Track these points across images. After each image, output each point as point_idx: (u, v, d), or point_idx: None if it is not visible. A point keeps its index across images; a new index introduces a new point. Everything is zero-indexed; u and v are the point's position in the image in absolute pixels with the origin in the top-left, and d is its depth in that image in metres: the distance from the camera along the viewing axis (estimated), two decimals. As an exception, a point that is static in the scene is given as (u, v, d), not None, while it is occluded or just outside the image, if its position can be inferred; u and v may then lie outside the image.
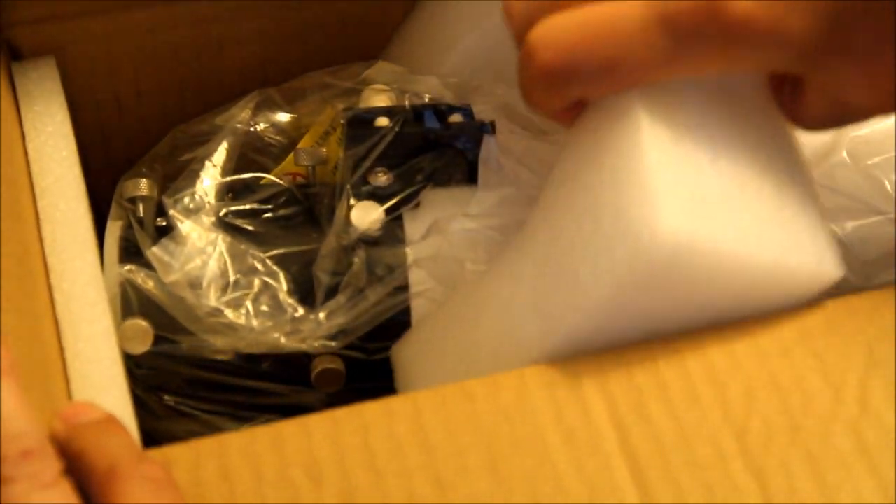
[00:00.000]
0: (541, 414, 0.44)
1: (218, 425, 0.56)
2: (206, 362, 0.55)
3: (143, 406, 0.55)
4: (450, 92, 0.60)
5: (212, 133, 0.60)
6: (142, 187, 0.58)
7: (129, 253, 0.56)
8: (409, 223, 0.55)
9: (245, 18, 0.63)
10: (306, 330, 0.54)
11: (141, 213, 0.57)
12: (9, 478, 0.38)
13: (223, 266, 0.54)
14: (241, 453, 0.43)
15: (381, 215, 0.55)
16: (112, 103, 0.64)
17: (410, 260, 0.55)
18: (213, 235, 0.55)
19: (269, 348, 0.54)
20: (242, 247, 0.55)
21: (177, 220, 0.56)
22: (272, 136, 0.62)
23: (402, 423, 0.44)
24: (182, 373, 0.56)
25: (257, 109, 0.61)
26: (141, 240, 0.55)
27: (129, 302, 0.55)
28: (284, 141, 0.62)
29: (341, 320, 0.54)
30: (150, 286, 0.54)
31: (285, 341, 0.54)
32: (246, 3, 0.62)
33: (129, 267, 0.55)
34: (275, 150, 0.62)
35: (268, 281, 0.54)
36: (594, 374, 0.45)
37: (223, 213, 0.57)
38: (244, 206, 0.57)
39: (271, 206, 0.58)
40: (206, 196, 0.57)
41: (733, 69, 0.45)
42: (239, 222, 0.56)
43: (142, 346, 0.54)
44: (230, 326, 0.54)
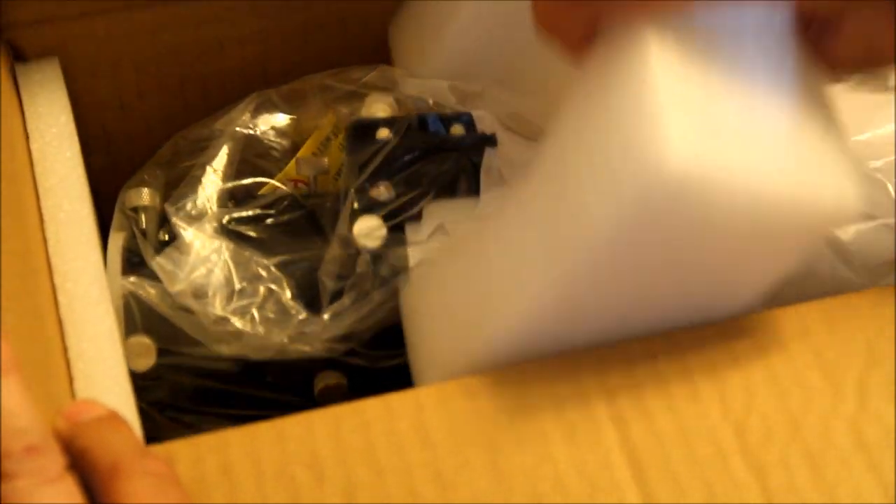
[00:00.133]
0: (541, 410, 0.44)
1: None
2: (210, 373, 0.55)
3: (147, 418, 0.55)
4: (452, 96, 0.60)
5: (212, 138, 0.60)
6: (144, 196, 0.58)
7: (132, 264, 0.55)
8: (411, 235, 0.55)
9: (246, 19, 0.63)
10: (311, 333, 0.54)
11: (143, 224, 0.57)
12: (13, 473, 0.38)
13: (228, 274, 0.54)
14: (243, 449, 0.43)
15: (383, 231, 0.55)
16: (115, 104, 0.64)
17: (413, 262, 0.55)
18: (217, 243, 0.55)
19: (274, 353, 0.54)
20: (246, 254, 0.55)
21: (180, 228, 0.55)
22: (273, 139, 0.61)
23: (404, 419, 0.44)
24: (186, 384, 0.55)
25: (257, 112, 0.61)
26: (144, 250, 0.55)
27: (133, 316, 0.54)
28: (285, 144, 0.62)
29: (346, 322, 0.54)
30: (153, 297, 0.54)
31: (290, 345, 0.54)
32: (247, 3, 0.62)
33: (132, 279, 0.55)
34: (276, 153, 0.61)
35: (272, 287, 0.54)
36: (595, 369, 0.45)
37: (226, 220, 0.56)
38: (247, 213, 0.57)
39: (274, 211, 0.57)
40: (209, 203, 0.57)
41: None
42: (242, 229, 0.56)
43: (146, 363, 0.54)
44: (236, 335, 0.54)
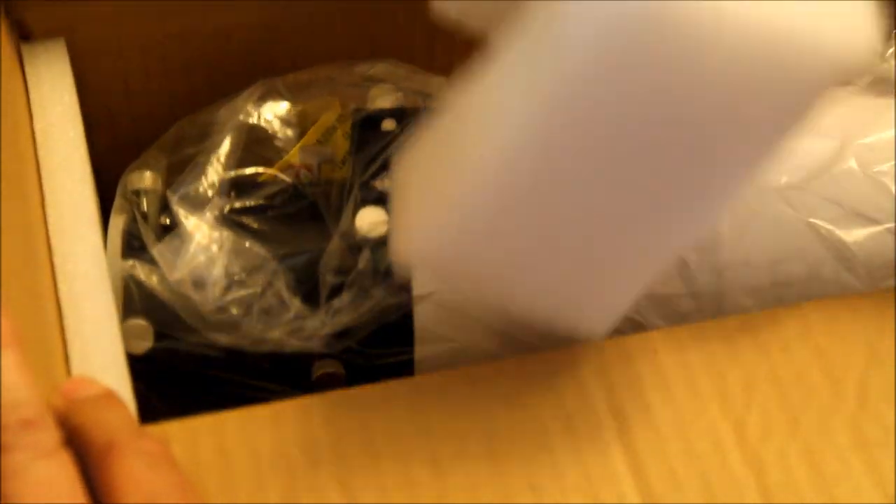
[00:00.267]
0: (540, 400, 0.44)
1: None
2: (208, 359, 0.55)
3: (143, 401, 0.55)
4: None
5: (216, 125, 0.60)
6: (146, 180, 0.58)
7: (133, 248, 0.55)
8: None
9: (255, 6, 0.63)
10: (309, 328, 0.53)
11: (145, 207, 0.57)
12: (8, 446, 0.37)
13: (228, 264, 0.54)
14: (239, 432, 0.43)
15: (386, 221, 0.54)
16: (120, 86, 0.64)
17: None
18: (218, 233, 0.55)
19: (272, 347, 0.54)
20: (247, 244, 0.55)
21: (181, 216, 0.55)
22: (277, 128, 0.61)
23: (401, 405, 0.44)
24: (183, 369, 0.55)
25: (262, 100, 0.61)
26: (145, 235, 0.55)
27: (132, 299, 0.54)
28: (290, 133, 0.61)
29: (345, 318, 0.54)
30: (153, 282, 0.54)
31: (288, 340, 0.54)
32: (255, -11, 0.63)
33: (131, 262, 0.54)
34: (279, 142, 0.61)
35: (272, 280, 0.54)
36: (594, 361, 0.45)
37: (227, 209, 0.56)
38: (249, 203, 0.57)
39: (276, 202, 0.57)
40: (211, 191, 0.57)
41: None
42: (243, 219, 0.56)
43: (143, 345, 0.54)
44: (234, 325, 0.53)
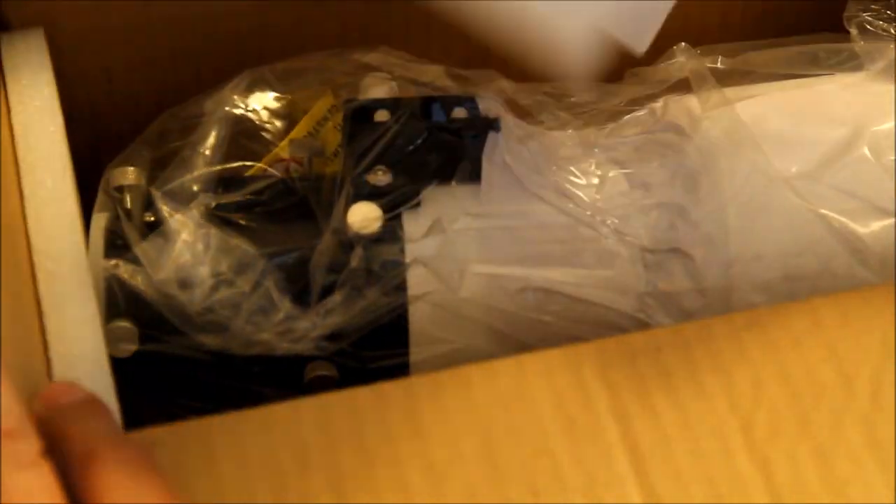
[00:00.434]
0: (539, 401, 0.44)
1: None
2: (195, 363, 0.54)
3: (129, 409, 0.54)
4: (453, 82, 0.59)
5: (202, 117, 0.59)
6: (129, 176, 0.56)
7: (116, 247, 0.54)
8: (409, 223, 0.54)
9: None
10: (300, 330, 0.53)
11: (128, 204, 0.56)
12: (-13, 456, 0.37)
13: (215, 263, 0.53)
14: (228, 436, 0.43)
15: (379, 217, 0.54)
16: (102, 77, 0.63)
17: (410, 258, 0.54)
18: (204, 230, 0.54)
19: (261, 349, 0.53)
20: (234, 242, 0.54)
21: (165, 213, 0.54)
22: (265, 120, 0.60)
23: (395, 408, 0.43)
24: (169, 374, 0.55)
25: (249, 90, 0.60)
26: (129, 233, 0.54)
27: (115, 300, 0.53)
28: (279, 125, 0.61)
29: (337, 320, 0.53)
30: (137, 282, 0.53)
31: (278, 342, 0.53)
32: (243, -25, 0.62)
33: (115, 262, 0.54)
34: (268, 135, 0.60)
35: (261, 279, 0.53)
36: (595, 360, 0.45)
37: (214, 205, 0.55)
38: (236, 199, 0.56)
39: (265, 198, 0.56)
40: (196, 187, 0.56)
41: None
42: (231, 216, 0.55)
43: (127, 348, 0.53)
44: (222, 326, 0.53)
